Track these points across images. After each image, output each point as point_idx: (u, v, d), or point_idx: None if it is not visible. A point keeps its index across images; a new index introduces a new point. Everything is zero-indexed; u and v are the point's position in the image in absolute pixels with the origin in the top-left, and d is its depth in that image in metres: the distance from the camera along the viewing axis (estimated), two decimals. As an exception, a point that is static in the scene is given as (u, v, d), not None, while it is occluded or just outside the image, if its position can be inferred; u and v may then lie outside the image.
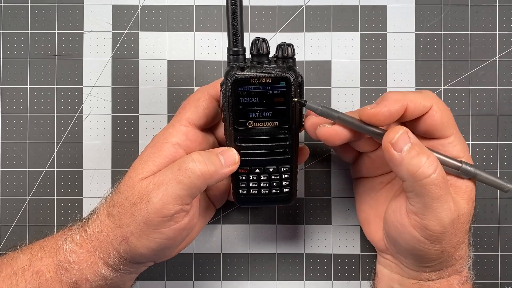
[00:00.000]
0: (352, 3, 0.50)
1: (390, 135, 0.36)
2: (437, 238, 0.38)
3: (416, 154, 0.36)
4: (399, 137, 0.36)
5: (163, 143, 0.40)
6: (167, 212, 0.38)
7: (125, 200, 0.39)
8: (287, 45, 0.38)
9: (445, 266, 0.40)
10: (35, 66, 0.50)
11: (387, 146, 0.36)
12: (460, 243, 0.39)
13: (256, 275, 0.50)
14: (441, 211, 0.37)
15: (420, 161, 0.36)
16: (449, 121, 0.39)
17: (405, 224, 0.38)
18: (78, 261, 0.39)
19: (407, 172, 0.36)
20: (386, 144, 0.37)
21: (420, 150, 0.36)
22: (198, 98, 0.41)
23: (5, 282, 0.39)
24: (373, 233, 0.45)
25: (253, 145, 0.40)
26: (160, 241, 0.39)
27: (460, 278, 0.41)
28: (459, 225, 0.38)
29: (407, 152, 0.36)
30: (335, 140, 0.39)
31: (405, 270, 0.42)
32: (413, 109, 0.38)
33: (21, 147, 0.50)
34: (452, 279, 0.41)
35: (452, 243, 0.38)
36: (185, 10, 0.50)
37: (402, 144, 0.36)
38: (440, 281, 0.40)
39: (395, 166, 0.37)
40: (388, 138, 0.37)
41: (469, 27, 0.50)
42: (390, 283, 0.44)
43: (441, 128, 0.39)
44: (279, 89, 0.38)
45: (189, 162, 0.38)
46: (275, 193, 0.42)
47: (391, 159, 0.37)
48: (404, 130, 0.37)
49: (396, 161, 0.36)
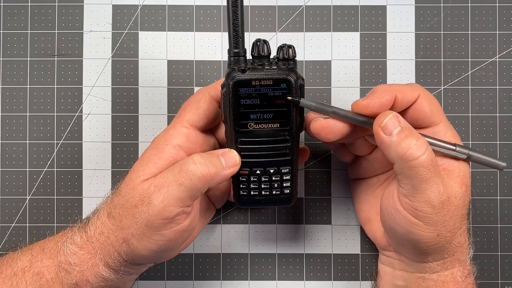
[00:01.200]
0: (352, 3, 0.50)
1: (380, 119, 0.38)
2: (429, 220, 0.38)
3: (405, 137, 0.37)
4: (389, 121, 0.37)
5: (164, 144, 0.40)
6: (168, 214, 0.38)
7: (126, 202, 0.39)
8: (288, 47, 0.38)
9: (446, 254, 0.40)
10: (35, 66, 0.50)
11: (377, 130, 0.37)
12: (456, 228, 0.39)
13: (256, 275, 0.50)
14: (430, 193, 0.37)
15: (409, 143, 0.37)
16: (437, 109, 0.40)
17: (398, 208, 0.39)
18: (78, 262, 0.39)
19: (396, 155, 0.37)
20: (376, 127, 0.38)
21: (409, 133, 0.37)
22: (199, 100, 0.41)
23: (6, 283, 0.39)
24: (375, 231, 0.45)
25: (254, 146, 0.40)
26: (161, 243, 0.39)
27: (463, 270, 0.41)
28: (451, 207, 0.38)
29: (396, 135, 0.37)
30: (328, 133, 0.39)
31: (409, 264, 0.42)
32: (402, 99, 0.39)
33: (21, 147, 0.50)
34: (455, 272, 0.41)
35: (448, 227, 0.39)
36: (185, 10, 0.50)
37: (392, 127, 0.37)
38: (444, 274, 0.40)
39: (385, 149, 0.38)
40: (378, 122, 0.38)
41: (469, 27, 0.50)
42: (393, 281, 0.44)
43: (430, 115, 0.40)
44: (280, 91, 0.38)
45: (190, 164, 0.38)
46: (275, 194, 0.42)
47: (381, 143, 0.38)
48: (393, 114, 0.38)
49: (385, 144, 0.37)
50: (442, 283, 0.40)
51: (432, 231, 0.38)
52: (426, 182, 0.37)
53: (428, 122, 0.40)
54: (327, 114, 0.39)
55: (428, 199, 0.37)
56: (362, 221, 0.47)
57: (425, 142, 0.37)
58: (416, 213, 0.38)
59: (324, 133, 0.39)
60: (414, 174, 0.37)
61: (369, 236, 0.47)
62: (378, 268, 0.46)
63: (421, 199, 0.37)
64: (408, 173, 0.37)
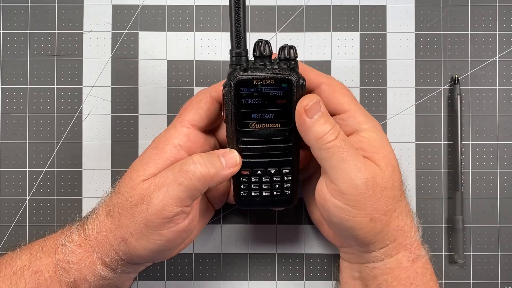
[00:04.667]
0: (352, 3, 0.50)
1: (305, 101, 0.38)
2: (357, 203, 0.38)
3: (324, 122, 0.38)
4: (313, 105, 0.38)
5: (165, 144, 0.40)
6: (168, 213, 0.38)
7: (125, 201, 0.39)
8: (290, 47, 0.38)
9: (387, 241, 0.40)
10: (35, 66, 0.50)
11: (301, 111, 0.38)
12: (390, 211, 0.39)
13: (256, 275, 0.50)
14: (350, 171, 0.38)
15: (326, 128, 0.38)
16: (344, 96, 0.41)
17: (326, 197, 0.39)
18: (76, 261, 0.39)
19: (314, 137, 0.38)
20: (300, 109, 0.38)
21: (327, 120, 0.39)
22: (200, 100, 0.41)
23: (5, 282, 0.39)
24: (327, 230, 0.46)
25: (255, 146, 0.40)
26: (159, 242, 0.39)
27: (409, 255, 0.41)
28: (377, 189, 0.38)
29: (316, 120, 0.38)
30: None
31: (359, 256, 0.42)
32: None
33: (21, 147, 0.50)
34: (400, 257, 0.40)
35: (379, 210, 0.39)
36: (185, 10, 0.50)
37: (314, 111, 0.38)
38: (389, 261, 0.40)
39: (304, 130, 0.39)
40: (303, 103, 0.38)
41: (469, 27, 0.50)
42: (351, 273, 0.44)
43: (335, 102, 0.41)
44: (282, 91, 0.38)
45: (190, 164, 0.38)
46: (276, 195, 0.42)
47: (302, 124, 0.38)
48: (318, 99, 0.39)
49: (306, 126, 0.38)
50: (388, 269, 0.40)
51: (363, 215, 0.38)
52: (343, 161, 0.38)
53: (334, 109, 0.41)
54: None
55: (350, 178, 0.38)
56: (316, 223, 0.48)
57: (339, 128, 0.39)
58: (343, 196, 0.38)
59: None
60: (331, 155, 0.38)
61: (324, 236, 0.47)
62: (339, 263, 0.46)
63: (343, 180, 0.38)
64: (326, 154, 0.38)
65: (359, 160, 0.38)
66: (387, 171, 0.39)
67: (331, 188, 0.39)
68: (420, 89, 0.50)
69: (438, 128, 0.50)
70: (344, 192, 0.38)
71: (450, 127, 0.50)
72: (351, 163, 0.38)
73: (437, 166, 0.50)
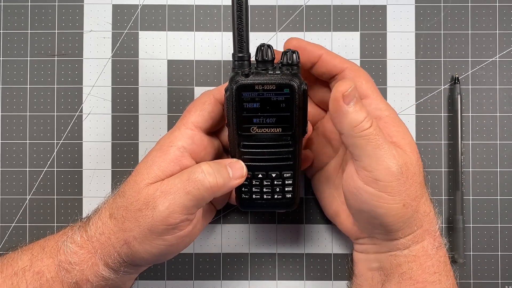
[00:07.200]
0: (352, 3, 0.50)
1: (342, 86, 0.38)
2: (392, 189, 0.38)
3: (359, 109, 0.38)
4: (352, 91, 0.37)
5: (169, 146, 0.40)
6: (173, 221, 0.38)
7: (129, 204, 0.39)
8: (292, 52, 0.39)
9: (415, 226, 0.40)
10: (35, 66, 0.50)
11: (338, 97, 0.37)
12: (419, 196, 0.40)
13: (256, 275, 0.50)
14: (386, 158, 0.38)
15: (362, 116, 0.38)
16: (367, 82, 0.41)
17: (359, 185, 0.39)
18: (78, 261, 0.39)
19: (349, 124, 0.38)
20: (338, 95, 0.37)
21: (362, 107, 0.38)
22: (204, 102, 0.41)
23: (6, 282, 0.39)
24: (344, 222, 0.46)
25: (256, 150, 0.40)
26: (163, 247, 0.39)
27: (433, 242, 0.41)
28: (409, 174, 0.39)
29: (353, 106, 0.38)
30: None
31: (382, 245, 0.42)
32: (325, 61, 0.42)
33: (21, 147, 0.50)
34: (426, 244, 0.41)
35: (411, 195, 0.39)
36: (185, 10, 0.50)
37: (351, 98, 0.38)
38: (415, 248, 0.41)
39: (338, 116, 0.38)
40: (340, 89, 0.37)
41: (469, 27, 0.50)
42: (367, 265, 0.44)
43: (358, 86, 0.41)
44: (283, 96, 0.38)
45: (199, 173, 0.38)
46: (277, 198, 0.42)
47: (337, 110, 0.38)
48: (355, 85, 0.38)
49: (342, 112, 0.38)
50: (414, 257, 0.40)
51: (397, 201, 0.39)
52: (379, 148, 0.38)
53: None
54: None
55: (386, 166, 0.38)
56: (331, 216, 0.47)
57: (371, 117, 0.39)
58: (378, 184, 0.38)
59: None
60: (366, 142, 0.38)
61: (340, 229, 0.47)
62: (353, 257, 0.46)
63: (379, 167, 0.38)
64: (361, 142, 0.38)
65: (392, 147, 0.39)
66: (413, 157, 0.40)
67: (364, 176, 0.39)
68: (420, 89, 0.50)
69: (438, 128, 0.50)
70: (380, 179, 0.38)
71: (450, 127, 0.50)
72: (387, 150, 0.38)
73: (437, 165, 0.50)
